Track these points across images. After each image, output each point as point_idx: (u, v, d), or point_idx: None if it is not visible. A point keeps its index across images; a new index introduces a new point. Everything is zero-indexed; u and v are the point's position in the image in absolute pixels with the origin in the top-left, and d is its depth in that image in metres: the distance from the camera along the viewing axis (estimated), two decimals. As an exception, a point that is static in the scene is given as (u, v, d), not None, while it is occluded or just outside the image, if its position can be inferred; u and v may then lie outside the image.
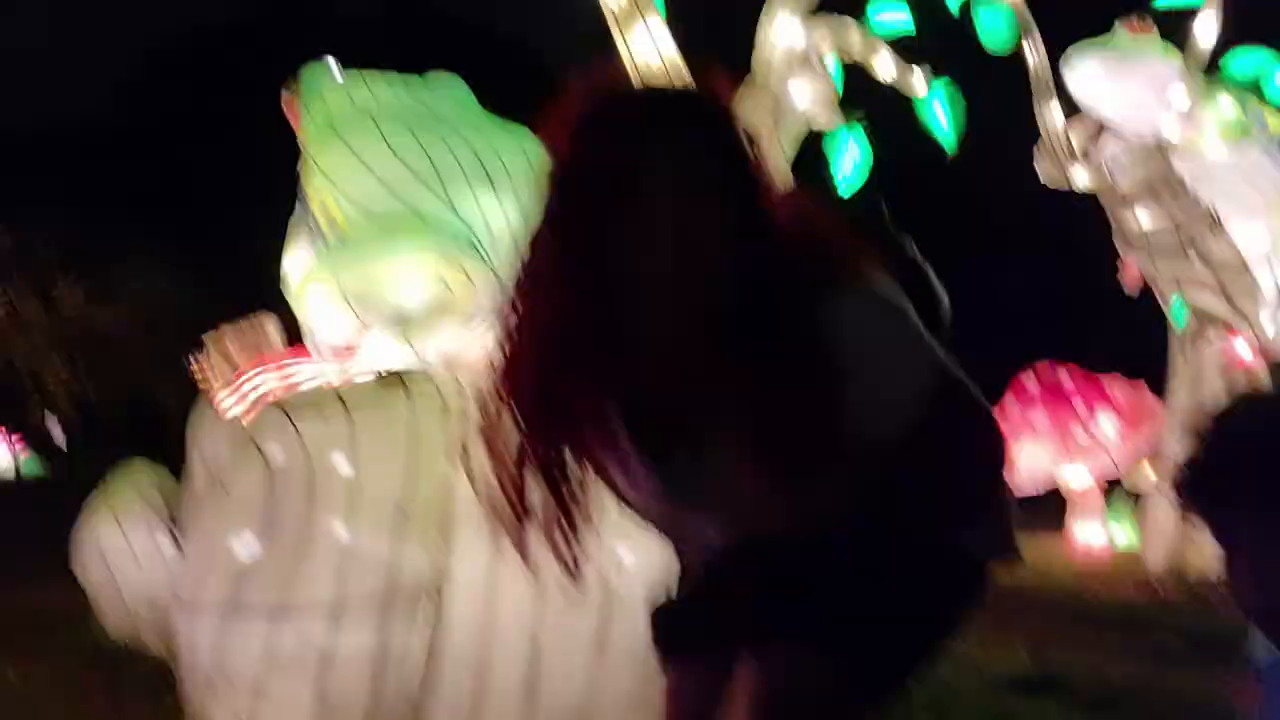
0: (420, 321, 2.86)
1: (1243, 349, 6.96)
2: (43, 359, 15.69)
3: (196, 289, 18.85)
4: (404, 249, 2.85)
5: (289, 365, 3.12)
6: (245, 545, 2.61)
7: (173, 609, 2.82)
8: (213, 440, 3.70)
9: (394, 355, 2.90)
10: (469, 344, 2.96)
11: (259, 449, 2.72)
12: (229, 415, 3.13)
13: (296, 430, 2.68)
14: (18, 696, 3.44)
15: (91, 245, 17.13)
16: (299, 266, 3.69)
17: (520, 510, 1.39)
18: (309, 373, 3.05)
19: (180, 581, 2.73)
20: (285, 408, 2.75)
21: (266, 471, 2.68)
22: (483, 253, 2.92)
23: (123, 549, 3.85)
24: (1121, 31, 6.98)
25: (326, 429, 2.66)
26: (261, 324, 13.72)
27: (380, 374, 2.80)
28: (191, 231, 19.70)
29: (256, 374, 3.15)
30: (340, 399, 2.71)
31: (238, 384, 3.16)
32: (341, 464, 2.62)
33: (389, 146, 3.19)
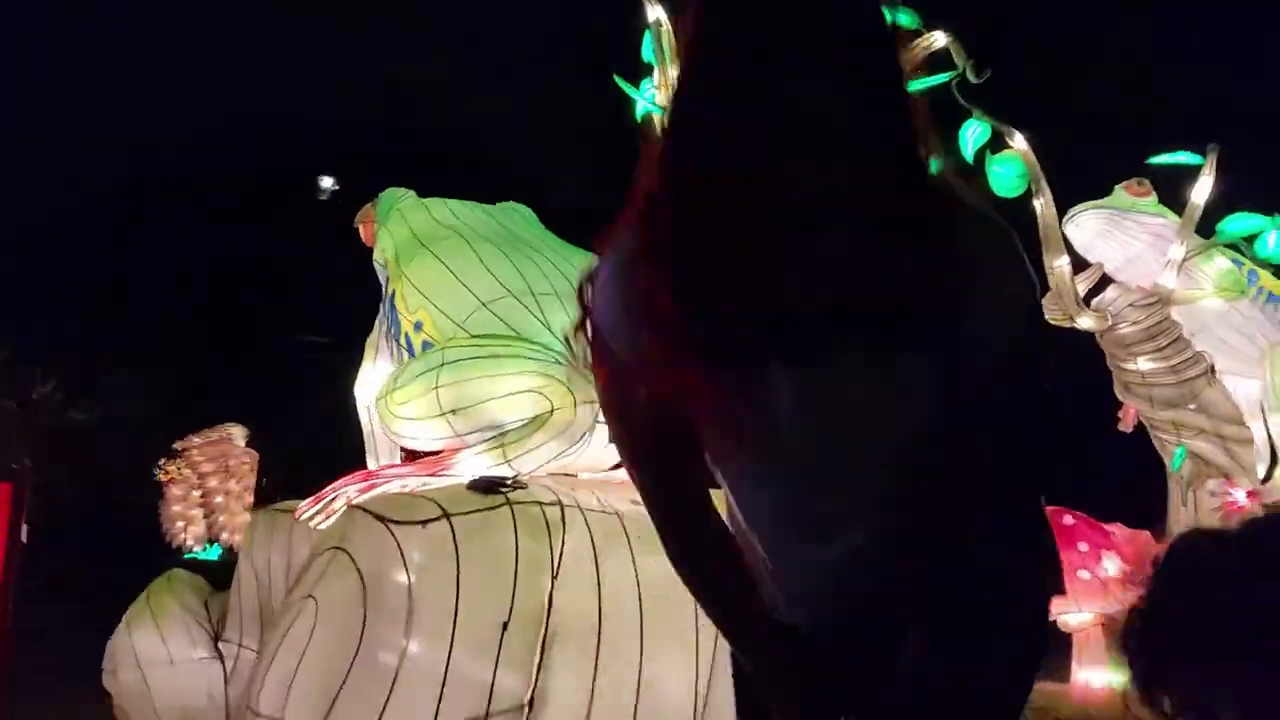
0: (518, 438, 2.89)
1: (1239, 496, 7.12)
2: (14, 459, 15.35)
3: (169, 394, 18.69)
4: (508, 367, 2.90)
5: (375, 478, 3.12)
6: (339, 662, 2.56)
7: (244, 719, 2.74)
8: (263, 551, 3.67)
9: (489, 468, 2.92)
10: (566, 461, 2.99)
11: (351, 559, 2.70)
12: (315, 525, 3.11)
13: (395, 539, 2.67)
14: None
15: (68, 347, 17.03)
16: (378, 378, 3.73)
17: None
18: (396, 484, 3.05)
19: (260, 694, 2.66)
20: (378, 514, 2.74)
21: (359, 584, 2.66)
22: (581, 372, 2.98)
23: (161, 657, 3.76)
24: (1121, 192, 7.35)
25: (427, 539, 2.66)
26: (229, 432, 13.60)
27: (475, 486, 2.82)
28: (168, 336, 19.62)
29: (341, 484, 3.15)
30: (440, 507, 2.71)
31: (322, 494, 3.15)
32: (442, 579, 2.61)
33: (483, 264, 3.29)
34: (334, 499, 3.11)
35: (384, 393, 3.13)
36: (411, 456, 3.40)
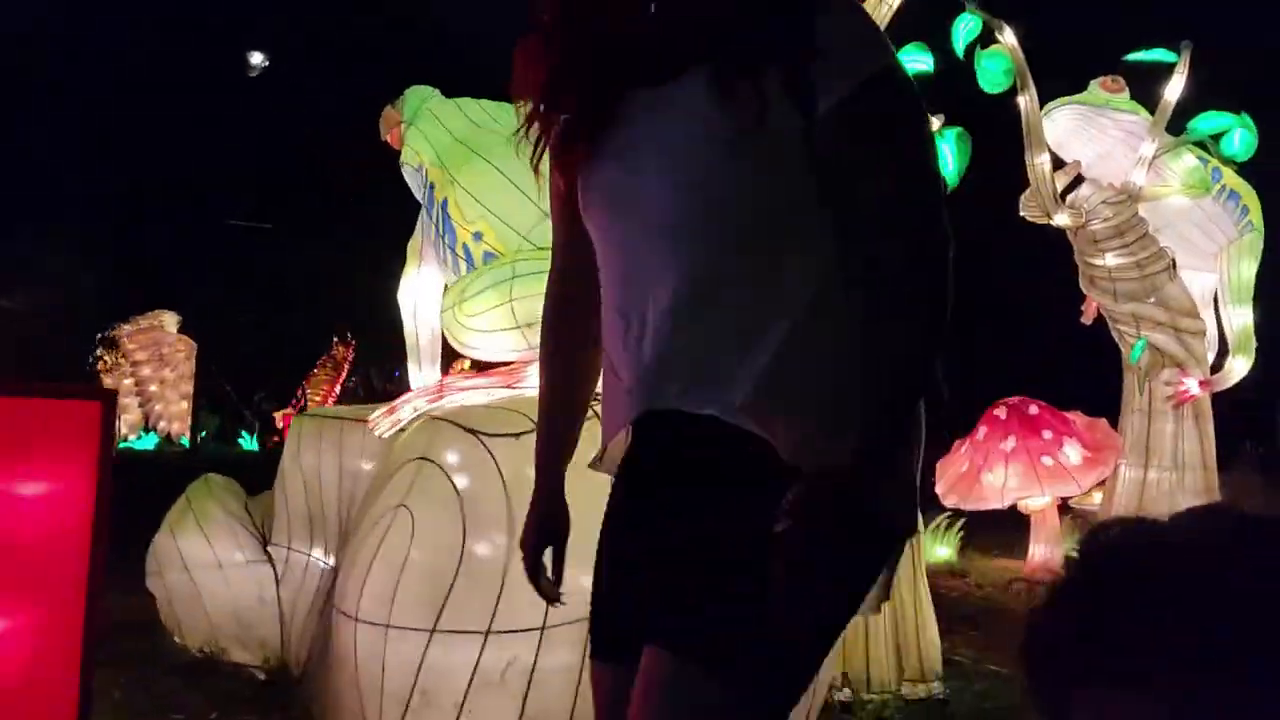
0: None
1: (1192, 386, 7.53)
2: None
3: (102, 281, 18.16)
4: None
5: (444, 389, 3.15)
6: (444, 569, 2.65)
7: (340, 625, 2.83)
8: (311, 456, 3.69)
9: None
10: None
11: (442, 470, 2.76)
12: (381, 435, 3.14)
13: (489, 452, 2.73)
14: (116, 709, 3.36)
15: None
16: (424, 284, 3.72)
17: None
18: (464, 395, 3.09)
19: (361, 601, 2.74)
20: (468, 426, 2.79)
21: (454, 495, 2.72)
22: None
23: (209, 560, 3.81)
24: (1096, 88, 7.49)
25: (522, 451, 2.72)
26: (160, 319, 13.64)
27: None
28: (99, 219, 18.92)
29: (411, 396, 3.17)
30: (530, 420, 2.76)
31: (393, 406, 3.18)
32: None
33: (541, 174, 3.27)
34: (403, 409, 3.14)
35: (452, 303, 3.13)
36: (476, 367, 3.42)
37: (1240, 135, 7.21)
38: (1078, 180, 7.41)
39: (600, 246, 1.39)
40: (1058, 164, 7.26)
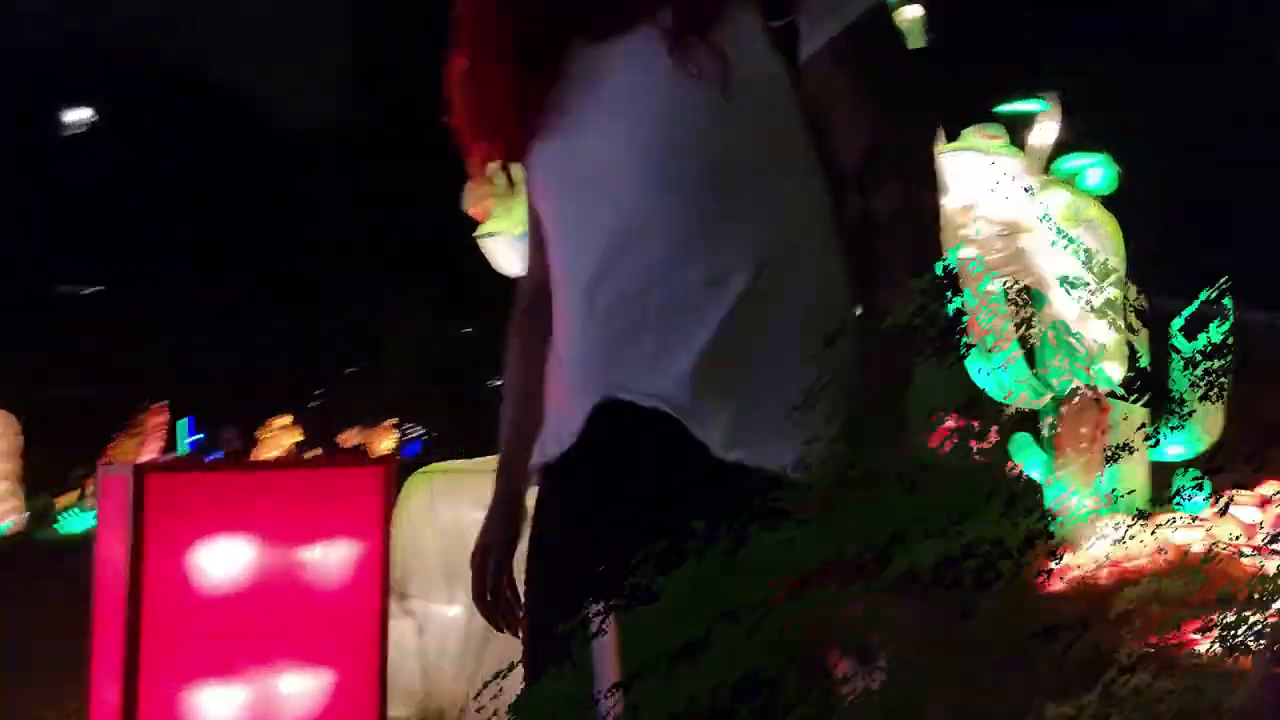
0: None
1: (1070, 390, 8.58)
2: None
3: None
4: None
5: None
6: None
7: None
8: (449, 509, 3.91)
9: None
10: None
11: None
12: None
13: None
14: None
15: None
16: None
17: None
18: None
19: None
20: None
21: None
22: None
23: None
24: (974, 135, 8.49)
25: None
26: None
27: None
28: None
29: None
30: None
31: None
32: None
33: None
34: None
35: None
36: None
37: (1098, 172, 8.37)
38: (974, 216, 8.36)
39: (550, 227, 1.33)
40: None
